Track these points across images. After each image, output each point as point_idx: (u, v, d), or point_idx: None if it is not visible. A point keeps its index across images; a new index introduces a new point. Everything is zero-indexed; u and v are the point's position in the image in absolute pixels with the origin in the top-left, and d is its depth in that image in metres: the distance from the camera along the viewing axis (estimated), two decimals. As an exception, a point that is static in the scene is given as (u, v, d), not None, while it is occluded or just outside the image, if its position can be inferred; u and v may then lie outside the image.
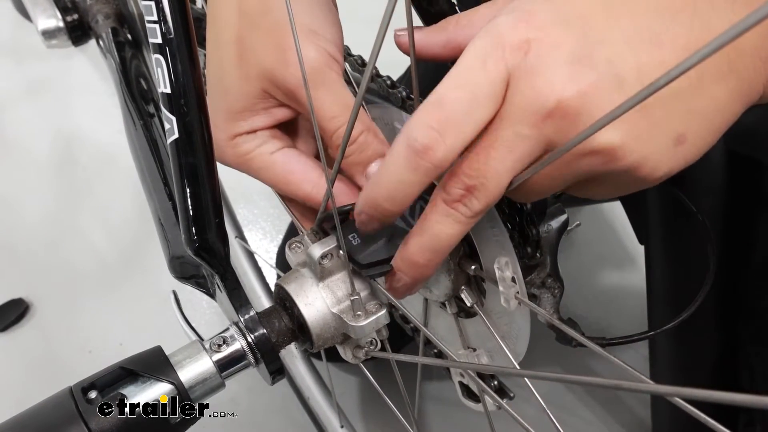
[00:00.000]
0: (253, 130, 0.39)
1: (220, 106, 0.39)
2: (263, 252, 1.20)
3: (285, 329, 0.38)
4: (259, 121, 0.39)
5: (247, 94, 0.38)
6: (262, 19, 0.37)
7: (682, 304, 0.47)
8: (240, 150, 0.40)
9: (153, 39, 0.37)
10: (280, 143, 0.40)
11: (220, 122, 0.39)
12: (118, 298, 1.13)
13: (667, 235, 0.60)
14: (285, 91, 0.37)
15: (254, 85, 0.38)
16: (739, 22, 0.17)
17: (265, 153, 0.40)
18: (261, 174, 0.40)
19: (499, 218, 0.36)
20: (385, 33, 0.27)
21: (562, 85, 0.27)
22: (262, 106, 0.39)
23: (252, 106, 0.38)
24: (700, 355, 0.61)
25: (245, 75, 0.38)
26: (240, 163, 0.40)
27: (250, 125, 0.39)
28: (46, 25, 0.79)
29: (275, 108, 0.39)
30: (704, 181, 0.55)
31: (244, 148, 0.39)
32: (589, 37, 0.27)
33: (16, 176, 1.33)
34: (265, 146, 0.40)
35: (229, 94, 0.39)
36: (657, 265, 0.63)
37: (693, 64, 0.18)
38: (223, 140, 0.40)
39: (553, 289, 0.43)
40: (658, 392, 0.21)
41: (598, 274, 1.12)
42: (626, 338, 0.45)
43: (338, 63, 0.38)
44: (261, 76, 0.37)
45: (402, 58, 0.37)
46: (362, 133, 0.37)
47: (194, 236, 0.39)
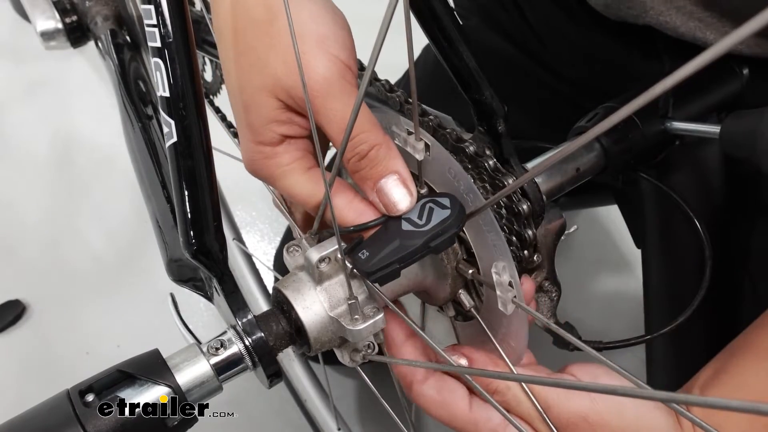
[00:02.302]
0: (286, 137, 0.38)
1: (247, 120, 0.38)
2: (261, 254, 1.20)
3: (282, 333, 0.38)
4: (287, 129, 0.38)
5: (267, 105, 0.37)
6: (270, 28, 0.36)
7: (679, 307, 0.47)
8: (280, 160, 0.38)
9: (152, 43, 0.37)
10: (314, 161, 0.39)
11: (251, 136, 0.38)
12: (116, 300, 1.13)
13: (664, 239, 0.60)
14: (299, 101, 0.36)
15: (270, 96, 0.37)
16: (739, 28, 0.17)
17: (303, 167, 0.38)
18: (294, 189, 0.39)
19: (496, 222, 0.37)
20: (384, 38, 0.27)
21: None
22: (286, 116, 0.38)
23: (275, 116, 0.37)
24: (697, 359, 0.61)
25: (261, 86, 0.37)
26: (277, 175, 0.39)
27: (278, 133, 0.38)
28: (45, 26, 0.79)
29: (297, 117, 0.38)
30: (701, 185, 0.55)
31: (284, 158, 0.38)
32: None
33: (13, 177, 1.33)
34: (303, 161, 0.38)
35: (250, 107, 0.38)
36: (654, 269, 0.63)
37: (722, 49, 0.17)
38: (258, 152, 0.38)
39: (550, 293, 0.44)
40: (654, 398, 0.21)
41: (595, 278, 1.12)
42: (623, 342, 0.45)
43: (352, 71, 0.37)
44: (276, 88, 0.36)
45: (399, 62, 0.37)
46: (374, 148, 0.35)
47: (192, 239, 0.39)
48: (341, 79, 0.35)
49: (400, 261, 0.35)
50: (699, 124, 0.51)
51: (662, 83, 0.20)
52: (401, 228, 0.36)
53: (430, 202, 0.37)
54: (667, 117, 0.52)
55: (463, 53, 0.39)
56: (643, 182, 0.57)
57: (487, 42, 0.73)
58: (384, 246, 0.36)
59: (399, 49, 0.33)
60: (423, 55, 0.80)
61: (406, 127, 0.38)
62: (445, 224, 0.35)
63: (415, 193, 0.36)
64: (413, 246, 0.35)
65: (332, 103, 0.35)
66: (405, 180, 0.36)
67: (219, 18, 0.39)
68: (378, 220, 0.37)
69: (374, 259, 0.35)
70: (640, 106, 0.21)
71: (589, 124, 0.52)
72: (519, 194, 0.39)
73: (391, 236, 0.36)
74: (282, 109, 0.37)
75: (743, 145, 0.46)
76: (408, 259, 0.35)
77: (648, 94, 0.20)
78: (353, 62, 0.37)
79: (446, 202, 0.36)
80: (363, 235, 0.37)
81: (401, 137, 0.39)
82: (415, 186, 0.37)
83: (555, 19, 0.66)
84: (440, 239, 0.35)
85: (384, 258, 0.35)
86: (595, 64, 0.65)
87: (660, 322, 0.62)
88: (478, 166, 0.39)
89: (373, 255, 0.36)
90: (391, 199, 0.36)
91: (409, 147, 0.38)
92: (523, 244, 0.39)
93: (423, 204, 0.37)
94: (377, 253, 0.36)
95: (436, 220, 0.36)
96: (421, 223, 0.36)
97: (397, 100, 0.44)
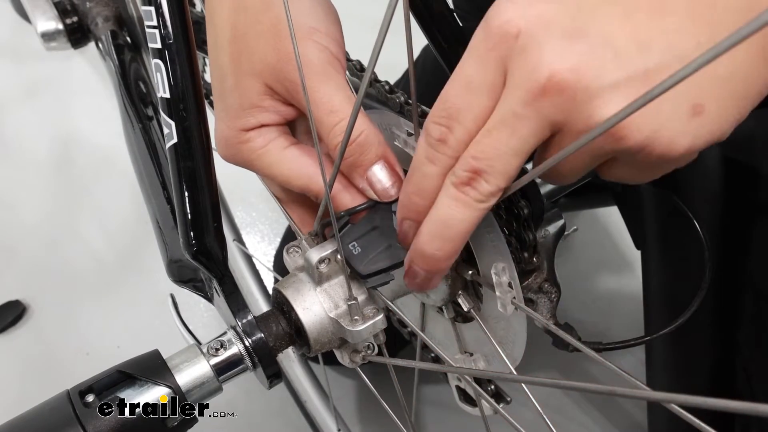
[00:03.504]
0: (262, 125, 0.39)
1: (227, 104, 0.38)
2: (261, 255, 1.20)
3: (282, 333, 0.38)
4: (267, 117, 0.38)
5: (252, 90, 0.37)
6: (263, 16, 0.36)
7: (679, 309, 0.47)
8: (254, 144, 0.39)
9: (152, 44, 0.37)
10: (292, 140, 0.40)
11: (228, 120, 0.38)
12: (116, 301, 1.13)
13: (664, 241, 0.60)
14: (287, 87, 0.37)
15: (258, 81, 0.37)
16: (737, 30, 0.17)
17: (279, 147, 0.39)
18: (273, 168, 0.39)
19: (496, 223, 0.37)
20: (384, 38, 0.27)
21: (551, 60, 0.26)
22: (268, 103, 0.38)
23: (258, 102, 0.38)
24: (697, 360, 0.61)
25: (249, 71, 0.37)
26: (253, 158, 0.39)
27: (258, 120, 0.38)
28: (46, 27, 0.79)
29: (281, 105, 0.39)
30: (700, 187, 0.56)
31: (257, 142, 0.39)
32: (582, 10, 0.27)
33: (14, 177, 1.33)
34: (279, 140, 0.39)
35: (234, 91, 0.38)
36: (653, 270, 0.63)
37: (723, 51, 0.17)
38: (234, 137, 0.39)
39: (550, 294, 0.44)
40: (653, 398, 0.21)
41: (595, 279, 1.12)
42: (622, 343, 0.45)
43: (340, 61, 0.37)
44: (264, 72, 0.37)
45: (399, 61, 0.37)
46: (362, 133, 0.36)
47: (192, 240, 0.39)
48: (329, 66, 0.36)
49: (394, 267, 0.36)
50: (699, 125, 0.51)
51: (662, 83, 0.20)
52: (394, 226, 0.36)
53: None
54: (666, 118, 0.52)
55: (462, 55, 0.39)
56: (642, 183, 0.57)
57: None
58: (375, 245, 0.36)
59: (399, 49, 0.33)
60: (422, 55, 0.80)
61: (406, 128, 0.38)
62: None
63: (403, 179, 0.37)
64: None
65: (319, 85, 0.36)
66: (394, 165, 0.37)
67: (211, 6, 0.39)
68: (366, 204, 0.37)
69: (366, 260, 0.36)
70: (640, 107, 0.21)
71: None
72: (519, 195, 0.39)
73: (381, 236, 0.36)
74: (266, 95, 0.38)
75: (742, 146, 0.46)
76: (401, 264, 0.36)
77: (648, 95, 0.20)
78: (342, 55, 0.38)
79: None
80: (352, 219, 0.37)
81: (401, 138, 0.39)
82: (403, 172, 0.37)
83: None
84: None
85: (376, 260, 0.36)
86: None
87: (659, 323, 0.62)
88: (478, 167, 0.39)
89: (365, 253, 0.36)
90: (382, 184, 0.36)
91: (409, 148, 0.38)
92: (522, 245, 0.39)
93: None
94: (368, 251, 0.36)
95: None
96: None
97: (396, 101, 0.44)
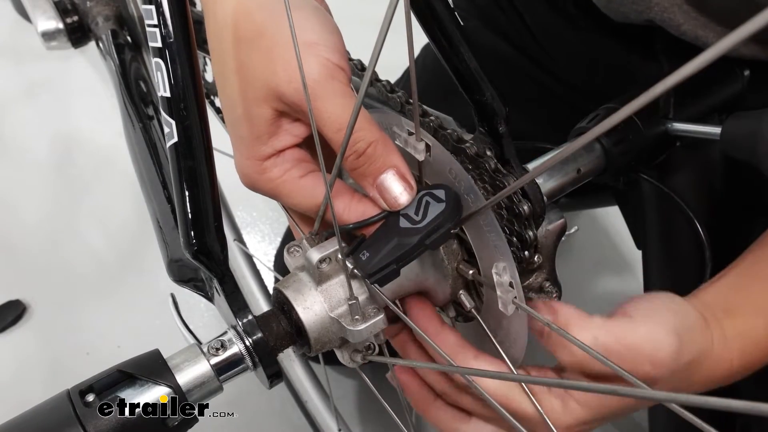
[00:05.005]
0: (278, 151, 0.39)
1: (240, 134, 0.39)
2: (262, 255, 1.20)
3: (283, 333, 0.38)
4: (281, 142, 0.38)
5: (262, 118, 0.37)
6: (258, 42, 0.36)
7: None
8: (271, 175, 0.39)
9: (153, 43, 0.37)
10: (308, 167, 0.39)
11: (244, 150, 0.39)
12: (116, 301, 1.13)
13: (665, 241, 0.60)
14: (293, 107, 0.37)
15: (265, 107, 0.37)
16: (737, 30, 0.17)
17: (295, 177, 0.39)
18: (292, 198, 0.39)
19: (497, 223, 0.37)
20: (384, 38, 0.27)
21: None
22: (280, 128, 0.38)
23: (270, 128, 0.38)
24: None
25: (254, 99, 0.37)
26: (272, 188, 0.39)
27: (273, 147, 0.38)
28: (46, 26, 0.79)
29: (292, 125, 0.39)
30: (701, 187, 0.55)
31: (274, 172, 0.39)
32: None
33: (14, 177, 1.33)
34: (294, 171, 0.39)
35: (245, 122, 0.38)
36: (654, 270, 0.63)
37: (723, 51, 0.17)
38: (251, 168, 0.39)
39: (550, 294, 0.43)
40: (654, 398, 0.21)
41: (595, 279, 1.12)
42: (623, 343, 0.45)
43: (343, 70, 0.37)
44: (269, 97, 0.37)
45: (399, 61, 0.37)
46: (371, 144, 0.36)
47: (193, 239, 0.39)
48: (333, 80, 0.36)
49: (398, 261, 0.36)
50: (700, 125, 0.51)
51: (662, 83, 0.20)
52: (399, 225, 0.36)
53: (427, 195, 0.37)
54: (667, 118, 0.52)
55: (464, 54, 0.39)
56: (643, 183, 0.57)
57: (486, 43, 0.73)
58: (383, 246, 0.36)
59: (399, 49, 0.33)
60: (423, 54, 0.80)
61: (407, 127, 0.38)
62: (440, 219, 0.36)
63: (414, 186, 0.37)
64: (410, 245, 0.35)
65: (325, 105, 0.35)
66: (404, 174, 0.36)
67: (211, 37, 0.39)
68: (379, 216, 0.37)
69: (374, 260, 0.36)
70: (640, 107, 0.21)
71: (589, 125, 0.52)
72: (520, 195, 0.39)
73: (389, 235, 0.36)
74: (274, 119, 0.37)
75: (744, 146, 0.46)
76: (405, 257, 0.36)
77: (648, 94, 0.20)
78: (345, 63, 0.37)
79: (441, 194, 0.37)
80: (365, 233, 0.37)
81: (402, 138, 0.39)
82: (414, 179, 0.37)
83: (553, 23, 0.66)
84: (435, 235, 0.36)
85: (383, 258, 0.35)
86: (594, 66, 0.65)
87: (660, 323, 0.62)
88: (479, 166, 0.40)
89: (373, 255, 0.36)
90: (392, 193, 0.36)
91: (410, 148, 0.38)
92: (523, 244, 0.39)
93: (420, 197, 0.37)
94: (377, 253, 0.36)
95: (431, 215, 0.36)
96: (418, 219, 0.36)
97: (397, 100, 0.44)
